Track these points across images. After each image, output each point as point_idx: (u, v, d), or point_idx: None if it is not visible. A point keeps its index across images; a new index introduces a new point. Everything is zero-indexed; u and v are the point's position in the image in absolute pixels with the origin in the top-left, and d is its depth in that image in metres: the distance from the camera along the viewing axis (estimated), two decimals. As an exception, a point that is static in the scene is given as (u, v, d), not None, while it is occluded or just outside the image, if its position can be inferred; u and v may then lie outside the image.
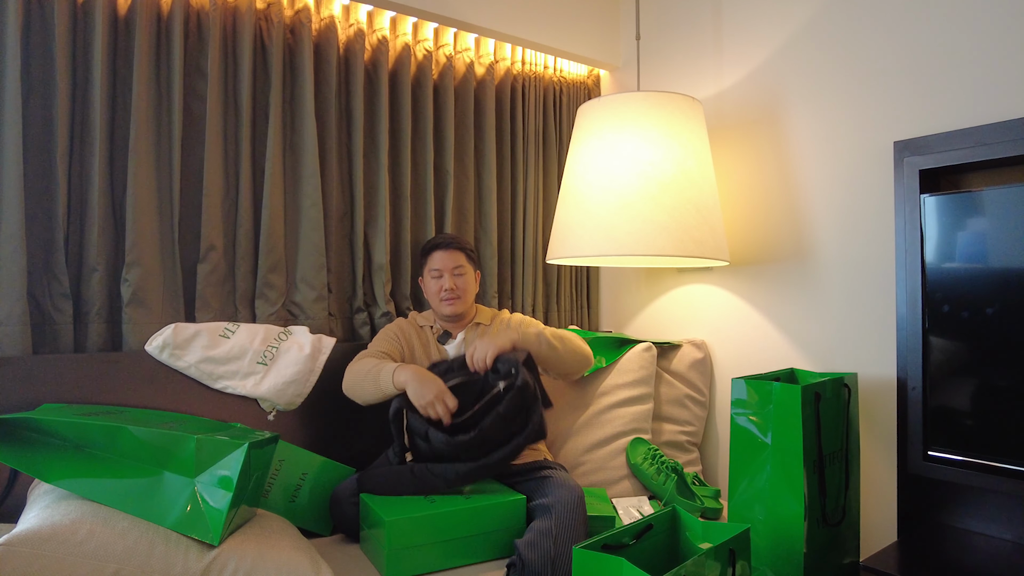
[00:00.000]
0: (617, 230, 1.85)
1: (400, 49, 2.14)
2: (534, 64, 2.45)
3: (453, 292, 1.88)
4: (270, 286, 1.89)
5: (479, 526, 1.55)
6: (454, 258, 1.91)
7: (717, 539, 1.31)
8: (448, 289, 1.88)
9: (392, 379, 1.65)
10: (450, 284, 1.88)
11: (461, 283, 1.90)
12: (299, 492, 1.68)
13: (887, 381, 1.77)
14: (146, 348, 1.65)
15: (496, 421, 1.58)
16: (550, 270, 2.49)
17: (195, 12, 1.81)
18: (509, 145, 2.39)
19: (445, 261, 1.90)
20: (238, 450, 1.30)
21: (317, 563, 1.34)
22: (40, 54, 1.61)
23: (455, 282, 1.89)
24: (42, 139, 1.61)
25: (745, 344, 2.12)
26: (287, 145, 1.94)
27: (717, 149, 2.21)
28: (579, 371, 1.90)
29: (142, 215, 1.69)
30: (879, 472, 1.78)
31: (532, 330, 1.81)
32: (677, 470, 1.91)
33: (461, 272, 1.91)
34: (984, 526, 1.55)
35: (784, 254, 2.02)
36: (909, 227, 1.63)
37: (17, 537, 1.12)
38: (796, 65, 2.00)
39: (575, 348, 1.85)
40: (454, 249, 1.92)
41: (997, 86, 1.57)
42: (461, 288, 1.89)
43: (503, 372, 1.65)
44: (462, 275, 1.91)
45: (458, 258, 1.91)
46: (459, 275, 1.90)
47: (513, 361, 1.65)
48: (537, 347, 1.75)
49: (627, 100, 1.92)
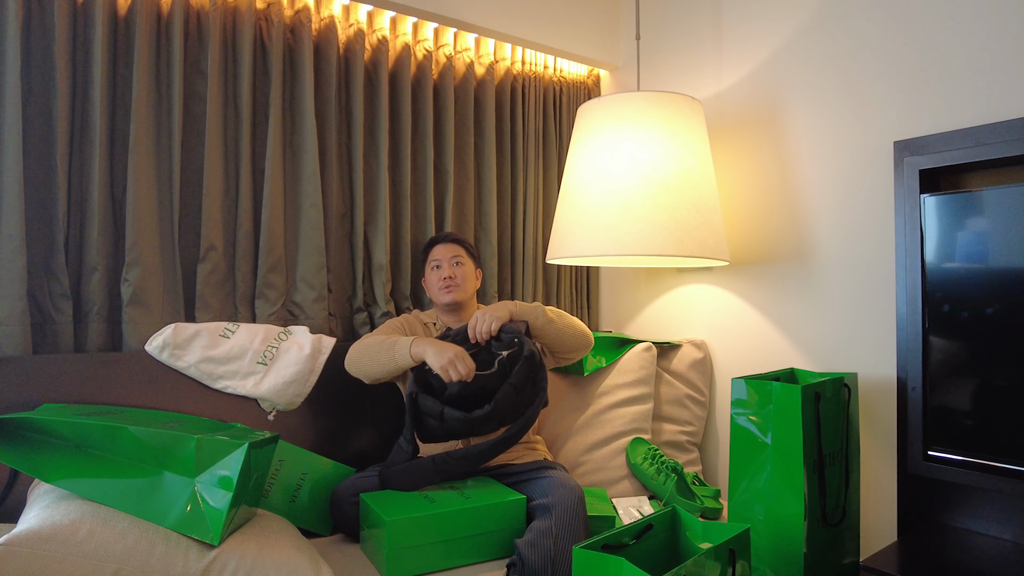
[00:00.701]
0: (617, 230, 1.85)
1: (400, 49, 2.14)
2: (534, 64, 2.45)
3: (452, 280, 1.89)
4: (270, 286, 1.89)
5: (479, 526, 1.55)
6: (452, 249, 1.94)
7: (717, 539, 1.31)
8: (447, 277, 1.90)
9: (409, 350, 1.66)
10: (448, 272, 1.90)
11: (459, 272, 1.91)
12: (299, 492, 1.68)
13: (887, 381, 1.77)
14: (146, 348, 1.65)
15: (509, 392, 1.60)
16: (550, 270, 2.49)
17: (195, 12, 1.81)
18: (509, 145, 2.39)
19: (443, 252, 1.94)
20: (238, 450, 1.30)
21: (317, 563, 1.34)
22: (40, 54, 1.61)
23: (453, 271, 1.91)
24: (42, 139, 1.61)
25: (745, 344, 2.12)
26: (287, 145, 1.94)
27: (717, 149, 2.21)
28: (578, 351, 1.89)
29: (142, 215, 1.69)
30: (879, 472, 1.78)
31: (530, 304, 1.81)
32: (677, 470, 1.91)
33: (459, 261, 1.93)
34: (984, 526, 1.55)
35: (784, 254, 2.02)
36: (909, 227, 1.63)
37: (17, 537, 1.12)
38: (796, 65, 2.00)
39: (572, 324, 1.86)
40: (451, 242, 1.96)
41: (997, 86, 1.57)
42: (460, 276, 1.91)
43: (506, 342, 1.69)
44: (460, 264, 1.93)
45: (456, 249, 1.95)
46: (457, 264, 1.93)
47: (515, 331, 1.68)
48: (534, 318, 1.77)
49: (627, 100, 1.92)
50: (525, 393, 1.64)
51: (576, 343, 1.86)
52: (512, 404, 1.61)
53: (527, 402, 1.65)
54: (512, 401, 1.61)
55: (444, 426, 1.60)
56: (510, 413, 1.62)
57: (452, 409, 1.59)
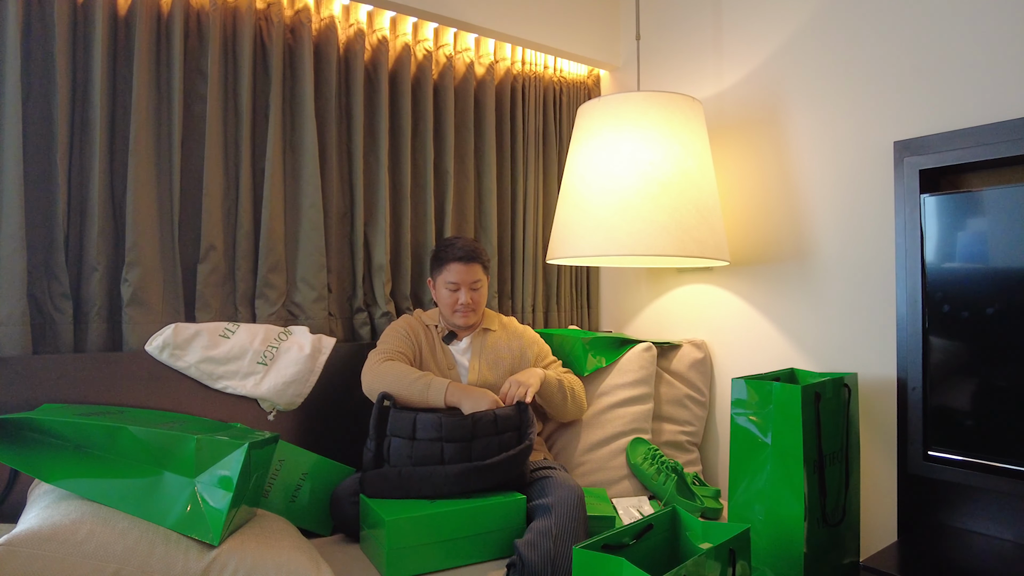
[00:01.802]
0: (617, 230, 1.85)
1: (400, 49, 2.14)
2: (534, 64, 2.45)
3: (469, 307, 1.87)
4: (270, 286, 1.89)
5: (479, 526, 1.55)
6: (473, 272, 1.86)
7: (717, 539, 1.31)
8: (464, 304, 1.86)
9: (444, 396, 1.69)
10: (467, 299, 1.85)
11: (477, 297, 1.88)
12: (299, 492, 1.68)
13: (887, 381, 1.77)
14: (146, 348, 1.65)
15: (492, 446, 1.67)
16: (550, 270, 2.49)
17: (195, 12, 1.81)
18: (509, 145, 2.39)
19: (464, 275, 1.85)
20: (238, 450, 1.30)
21: (317, 563, 1.34)
22: (40, 54, 1.61)
23: (472, 296, 1.86)
24: (42, 139, 1.61)
25: (745, 344, 2.12)
26: (287, 145, 1.94)
27: (717, 149, 2.21)
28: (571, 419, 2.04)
29: (142, 215, 1.69)
30: (879, 472, 1.77)
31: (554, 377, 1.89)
32: (677, 470, 1.91)
33: (478, 287, 1.88)
34: (984, 526, 1.55)
35: (784, 254, 2.02)
36: (909, 227, 1.63)
37: (17, 537, 1.12)
38: (796, 65, 2.00)
39: (580, 403, 1.99)
40: (473, 262, 1.86)
41: (997, 86, 1.57)
42: (477, 302, 1.88)
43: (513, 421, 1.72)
44: (478, 289, 1.88)
45: (476, 271, 1.86)
46: (476, 289, 1.87)
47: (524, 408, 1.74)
48: (550, 394, 1.89)
49: (627, 100, 1.92)
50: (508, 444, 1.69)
51: (573, 416, 2.02)
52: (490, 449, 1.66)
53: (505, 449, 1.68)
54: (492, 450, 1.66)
55: (413, 447, 1.63)
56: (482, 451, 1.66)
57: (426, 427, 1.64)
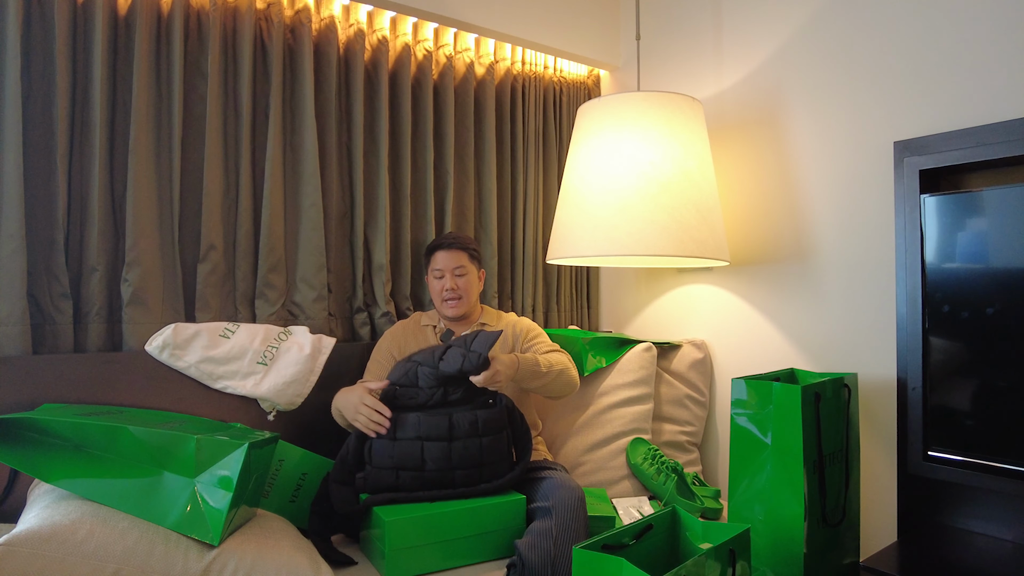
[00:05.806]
0: (617, 230, 1.85)
1: (400, 49, 2.14)
2: (534, 64, 2.45)
3: (454, 292, 1.88)
4: (270, 286, 1.89)
5: (479, 526, 1.54)
6: (456, 258, 1.90)
7: (717, 539, 1.31)
8: (449, 289, 1.87)
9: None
10: (451, 284, 1.87)
11: (463, 283, 1.89)
12: (299, 492, 1.68)
13: (887, 381, 1.77)
14: (146, 348, 1.65)
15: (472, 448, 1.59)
16: (550, 270, 2.49)
17: (195, 12, 1.81)
18: (509, 145, 2.39)
19: (447, 261, 1.89)
20: (238, 450, 1.30)
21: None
22: (40, 54, 1.61)
23: (456, 282, 1.88)
24: (42, 139, 1.61)
25: (745, 344, 2.12)
26: (287, 145, 1.94)
27: (717, 149, 2.21)
28: (563, 396, 1.88)
29: (142, 215, 1.69)
30: (879, 472, 1.78)
31: (531, 358, 1.74)
32: (677, 470, 1.91)
33: (462, 272, 1.90)
34: (984, 526, 1.55)
35: (784, 254, 2.02)
36: (909, 227, 1.63)
37: (17, 537, 1.12)
38: (796, 65, 2.00)
39: (567, 380, 1.83)
40: (456, 249, 1.91)
41: (997, 86, 1.57)
42: (462, 288, 1.89)
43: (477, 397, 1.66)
44: (463, 275, 1.90)
45: (460, 258, 1.90)
46: (460, 275, 1.89)
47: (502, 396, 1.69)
48: (527, 377, 1.73)
49: (627, 100, 1.92)
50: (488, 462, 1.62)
51: (562, 392, 1.85)
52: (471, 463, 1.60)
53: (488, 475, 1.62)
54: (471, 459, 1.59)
55: (399, 477, 1.56)
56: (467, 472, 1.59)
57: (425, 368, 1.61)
